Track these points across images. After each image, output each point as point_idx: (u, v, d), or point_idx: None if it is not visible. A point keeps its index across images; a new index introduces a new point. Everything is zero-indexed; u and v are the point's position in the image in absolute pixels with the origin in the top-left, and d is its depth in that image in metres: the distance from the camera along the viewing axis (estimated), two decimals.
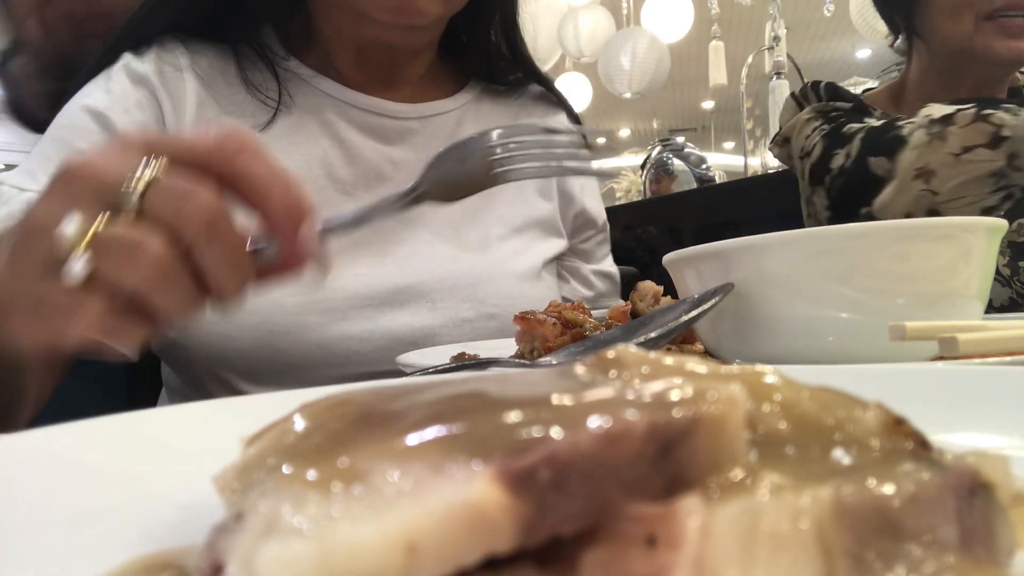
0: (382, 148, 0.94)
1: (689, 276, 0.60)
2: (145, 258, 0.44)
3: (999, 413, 0.32)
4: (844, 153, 1.28)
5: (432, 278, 0.90)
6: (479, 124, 1.03)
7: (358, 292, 0.85)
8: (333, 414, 0.20)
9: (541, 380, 0.21)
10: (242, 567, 0.14)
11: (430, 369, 0.56)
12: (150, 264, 0.44)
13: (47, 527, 0.25)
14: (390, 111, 0.95)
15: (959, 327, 0.45)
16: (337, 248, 0.79)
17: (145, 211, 0.45)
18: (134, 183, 0.45)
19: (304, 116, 0.92)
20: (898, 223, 0.53)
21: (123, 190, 0.45)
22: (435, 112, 0.99)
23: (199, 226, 0.45)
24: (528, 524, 0.15)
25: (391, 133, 0.95)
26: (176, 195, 0.45)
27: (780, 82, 3.77)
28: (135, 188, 0.45)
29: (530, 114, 1.10)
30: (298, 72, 0.93)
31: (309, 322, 0.83)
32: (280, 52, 0.94)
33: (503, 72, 1.08)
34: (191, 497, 0.25)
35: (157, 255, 0.44)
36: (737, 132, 8.09)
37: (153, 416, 0.35)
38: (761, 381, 0.21)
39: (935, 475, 0.18)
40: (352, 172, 0.91)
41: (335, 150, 0.91)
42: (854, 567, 0.16)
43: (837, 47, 8.81)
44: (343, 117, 0.93)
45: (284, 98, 0.90)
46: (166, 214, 0.45)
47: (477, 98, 1.06)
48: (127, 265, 0.44)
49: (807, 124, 1.44)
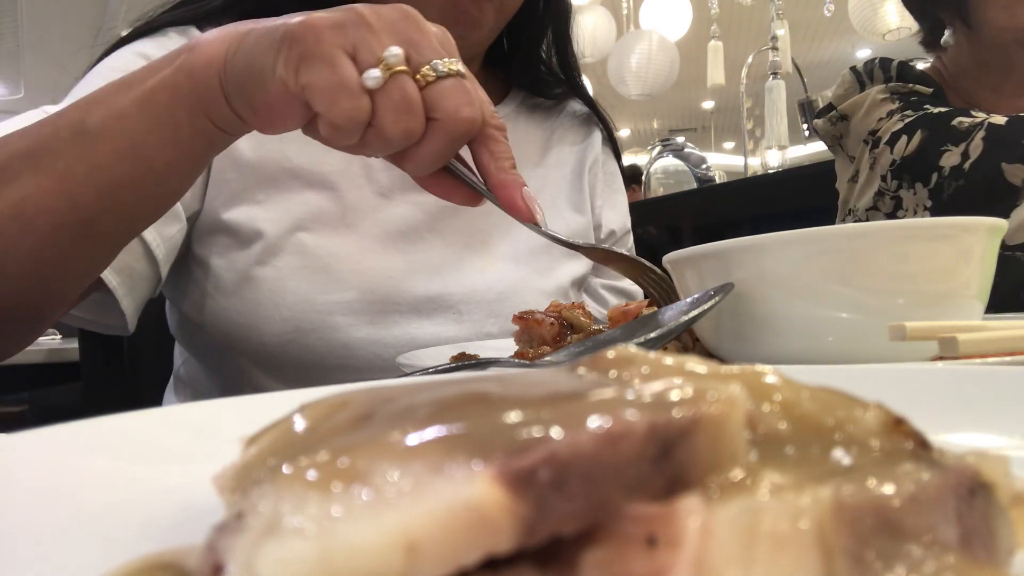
0: None
1: (689, 276, 0.60)
2: (414, 120, 0.54)
3: (999, 413, 0.32)
4: (960, 152, 1.18)
5: (461, 289, 0.90)
6: (515, 137, 1.03)
7: (389, 297, 0.86)
8: (333, 414, 0.20)
9: (541, 380, 0.21)
10: (242, 567, 0.14)
11: (430, 369, 0.56)
12: (414, 125, 0.54)
13: (47, 527, 0.25)
14: None
15: (959, 327, 0.45)
16: (371, 248, 0.80)
17: (431, 93, 0.54)
18: (442, 65, 0.55)
19: None
20: (898, 223, 0.53)
21: (430, 66, 0.54)
22: None
23: (462, 133, 0.55)
24: (528, 524, 0.15)
25: None
26: (462, 95, 0.55)
27: (777, 82, 3.77)
28: (443, 67, 0.55)
29: (566, 133, 1.10)
30: None
31: (337, 322, 0.83)
32: None
33: (548, 85, 1.09)
34: (191, 497, 0.25)
35: (418, 126, 0.54)
36: (737, 132, 8.09)
37: (153, 416, 0.35)
38: (761, 381, 0.21)
39: (935, 475, 0.18)
40: (390, 176, 0.92)
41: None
42: (854, 567, 0.16)
43: (837, 47, 8.80)
44: None
45: None
46: (448, 106, 0.54)
47: (516, 110, 1.07)
48: (402, 115, 0.53)
49: (879, 105, 1.33)
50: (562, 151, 1.09)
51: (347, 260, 0.85)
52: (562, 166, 1.08)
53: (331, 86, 0.52)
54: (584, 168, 1.09)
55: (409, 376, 0.57)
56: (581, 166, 1.09)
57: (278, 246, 0.84)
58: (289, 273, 0.83)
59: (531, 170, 1.03)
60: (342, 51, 0.52)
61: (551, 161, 1.07)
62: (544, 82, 1.09)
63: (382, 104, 0.53)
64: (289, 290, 0.82)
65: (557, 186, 1.06)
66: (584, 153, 1.10)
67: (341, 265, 0.84)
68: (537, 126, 1.09)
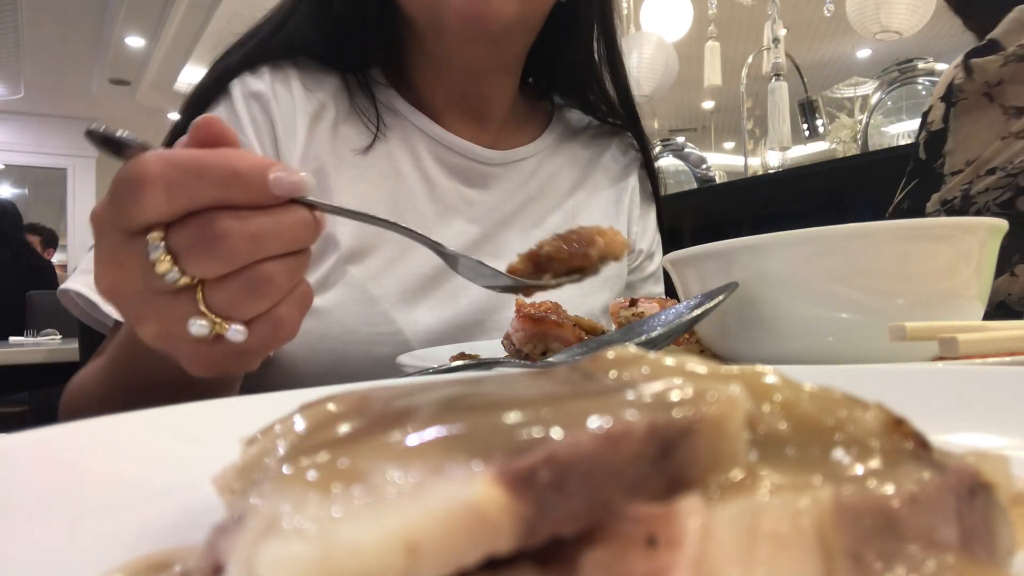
0: (463, 189, 0.97)
1: (690, 276, 0.60)
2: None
3: (999, 413, 0.32)
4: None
5: (501, 316, 0.92)
6: (553, 169, 1.05)
7: (431, 327, 0.88)
8: (333, 414, 0.20)
9: (541, 380, 0.21)
10: (242, 567, 0.14)
11: (430, 369, 0.56)
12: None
13: (47, 527, 0.25)
14: (477, 155, 0.98)
15: (959, 327, 0.45)
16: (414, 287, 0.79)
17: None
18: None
19: (399, 147, 0.95)
20: (898, 223, 0.53)
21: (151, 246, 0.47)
22: (517, 158, 1.01)
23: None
24: (528, 524, 0.15)
25: (475, 176, 0.98)
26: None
27: (779, 83, 3.77)
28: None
29: (609, 162, 1.11)
30: (396, 105, 0.96)
31: (380, 353, 0.85)
32: (383, 81, 0.97)
33: (600, 112, 1.10)
34: (191, 497, 0.25)
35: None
36: (737, 132, 8.09)
37: (153, 416, 0.35)
38: (761, 381, 0.21)
39: (935, 475, 0.18)
40: (433, 208, 0.94)
41: (420, 185, 0.94)
42: (854, 567, 0.16)
43: (837, 47, 8.80)
44: (433, 155, 0.96)
45: (382, 127, 0.94)
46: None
47: (556, 142, 1.08)
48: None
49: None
50: (601, 179, 1.10)
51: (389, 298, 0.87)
52: (599, 192, 1.09)
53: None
54: (625, 196, 1.11)
55: (409, 376, 0.57)
56: (620, 195, 1.10)
57: (328, 277, 0.86)
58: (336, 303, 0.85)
59: (566, 197, 1.05)
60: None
61: (589, 187, 1.08)
62: (594, 107, 1.09)
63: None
64: (336, 320, 0.84)
65: (591, 211, 1.06)
66: (624, 180, 1.12)
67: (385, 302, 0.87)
68: (578, 152, 1.09)
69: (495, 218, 0.98)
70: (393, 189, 0.92)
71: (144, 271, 0.47)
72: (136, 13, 6.49)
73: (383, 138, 0.94)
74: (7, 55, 7.24)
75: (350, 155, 0.91)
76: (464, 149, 0.97)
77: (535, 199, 1.02)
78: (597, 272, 0.60)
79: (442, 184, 0.95)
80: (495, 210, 0.98)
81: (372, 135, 0.93)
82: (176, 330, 0.49)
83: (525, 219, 1.00)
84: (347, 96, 0.94)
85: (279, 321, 0.50)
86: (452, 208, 0.96)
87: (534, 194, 1.02)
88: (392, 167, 0.93)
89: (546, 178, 1.04)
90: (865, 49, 8.62)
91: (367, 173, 0.91)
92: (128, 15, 6.56)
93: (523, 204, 1.00)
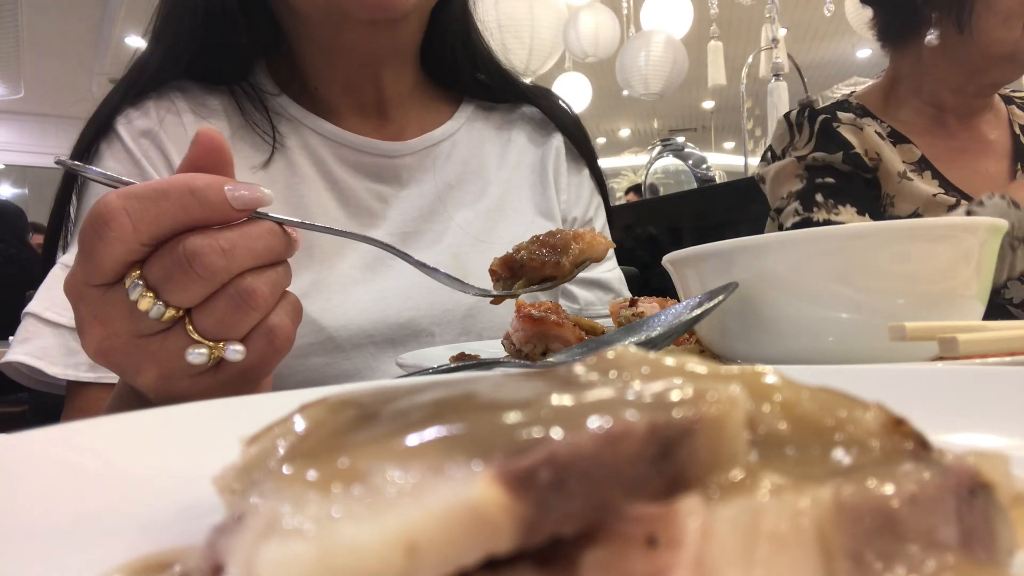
0: (376, 187, 0.95)
1: (690, 276, 0.60)
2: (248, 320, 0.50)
3: (999, 413, 0.32)
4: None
5: (433, 311, 0.90)
6: (472, 145, 1.04)
7: (363, 329, 0.86)
8: (333, 414, 0.20)
9: (541, 381, 0.21)
10: (242, 567, 0.14)
11: (430, 369, 0.56)
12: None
13: (47, 527, 0.25)
14: (382, 150, 0.95)
15: (959, 327, 0.45)
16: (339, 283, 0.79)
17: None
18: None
19: (299, 155, 0.92)
20: (898, 223, 0.53)
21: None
22: (427, 144, 0.99)
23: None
24: (528, 524, 0.15)
25: (384, 171, 0.96)
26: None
27: (779, 83, 3.77)
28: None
29: (523, 133, 1.10)
30: (290, 111, 0.94)
31: (314, 363, 0.83)
32: (272, 90, 0.95)
33: (497, 91, 1.09)
34: (191, 497, 0.25)
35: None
36: (737, 132, 8.09)
37: (153, 416, 0.35)
38: (761, 381, 0.21)
39: (935, 475, 0.18)
40: (345, 213, 0.92)
41: (329, 192, 0.92)
42: (854, 567, 0.16)
43: (837, 47, 8.80)
44: (336, 157, 0.93)
45: (278, 137, 0.91)
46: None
47: (470, 119, 1.06)
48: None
49: (790, 180, 1.41)
50: (522, 152, 1.09)
51: (317, 299, 0.85)
52: (522, 166, 1.08)
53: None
54: (547, 165, 1.09)
55: (409, 376, 0.57)
56: (543, 164, 1.09)
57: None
58: None
59: (493, 173, 1.03)
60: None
61: (511, 162, 1.07)
62: (486, 87, 1.08)
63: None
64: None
65: (520, 188, 1.05)
66: (545, 150, 1.10)
67: (312, 305, 0.84)
68: (494, 130, 1.08)
69: (418, 209, 0.95)
70: (302, 198, 0.90)
71: (130, 317, 0.47)
72: (136, 13, 6.49)
73: (281, 148, 0.91)
74: (7, 55, 7.24)
75: (249, 173, 0.88)
76: (367, 146, 0.94)
77: (459, 182, 1.00)
78: (572, 277, 0.61)
79: (351, 185, 0.93)
80: (415, 201, 0.95)
81: (270, 148, 0.90)
82: (175, 369, 0.49)
83: (454, 203, 0.98)
84: (238, 111, 0.91)
85: (273, 332, 0.50)
86: (366, 209, 0.93)
87: (454, 177, 1.00)
88: (297, 176, 0.91)
89: (465, 158, 1.02)
90: (865, 49, 8.62)
91: (272, 188, 0.87)
92: (128, 15, 6.57)
93: (445, 189, 0.98)
